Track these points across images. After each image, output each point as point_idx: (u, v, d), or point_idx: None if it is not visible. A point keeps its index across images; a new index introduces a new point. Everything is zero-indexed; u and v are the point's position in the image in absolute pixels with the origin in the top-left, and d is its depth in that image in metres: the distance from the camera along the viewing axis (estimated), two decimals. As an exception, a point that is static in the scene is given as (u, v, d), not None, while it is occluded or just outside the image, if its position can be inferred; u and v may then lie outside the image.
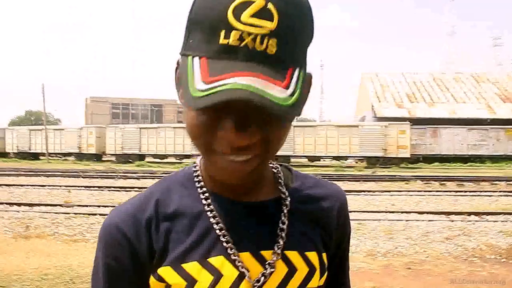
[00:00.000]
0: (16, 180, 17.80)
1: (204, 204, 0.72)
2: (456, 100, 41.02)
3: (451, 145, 31.89)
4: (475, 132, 32.34)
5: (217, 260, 0.70)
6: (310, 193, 0.79)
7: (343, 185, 16.14)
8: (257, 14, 0.58)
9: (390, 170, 25.33)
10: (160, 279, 0.70)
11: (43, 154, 38.00)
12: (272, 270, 0.70)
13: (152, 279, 0.71)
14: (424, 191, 14.39)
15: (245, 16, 0.57)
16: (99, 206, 10.57)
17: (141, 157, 34.13)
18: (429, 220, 8.87)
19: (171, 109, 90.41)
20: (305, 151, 30.14)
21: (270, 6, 0.58)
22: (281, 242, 0.72)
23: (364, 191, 14.13)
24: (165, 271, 0.70)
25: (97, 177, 19.63)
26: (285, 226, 0.73)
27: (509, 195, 13.41)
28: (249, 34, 0.58)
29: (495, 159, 31.45)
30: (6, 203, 10.96)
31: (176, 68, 0.69)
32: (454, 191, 14.27)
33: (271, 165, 0.79)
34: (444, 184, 16.92)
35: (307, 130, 30.25)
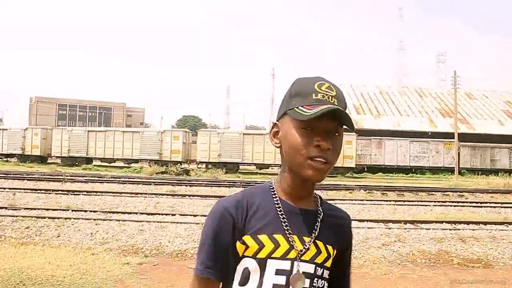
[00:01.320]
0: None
1: (275, 203, 1.19)
2: (401, 113, 42.87)
3: (394, 156, 33.34)
4: (417, 144, 33.98)
5: (278, 236, 1.16)
6: (333, 213, 1.27)
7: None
8: (328, 88, 1.16)
9: (335, 179, 26.17)
10: (243, 242, 1.16)
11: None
12: (308, 247, 1.17)
13: (238, 243, 1.16)
14: (366, 200, 15.14)
15: (323, 87, 1.16)
16: (47, 209, 10.48)
17: (88, 160, 33.47)
18: (369, 228, 9.44)
19: (120, 112, 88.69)
20: (254, 158, 30.60)
21: (332, 86, 1.17)
22: (314, 234, 1.19)
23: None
24: (246, 238, 1.16)
25: (43, 180, 19.18)
26: (318, 226, 1.21)
27: (443, 205, 14.36)
28: (327, 95, 1.14)
29: (434, 170, 33.16)
30: None
31: (274, 125, 1.23)
32: (394, 201, 15.08)
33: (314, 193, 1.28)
34: (385, 193, 17.80)
35: (256, 138, 30.75)
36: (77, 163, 32.37)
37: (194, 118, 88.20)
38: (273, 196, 1.20)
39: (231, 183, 20.30)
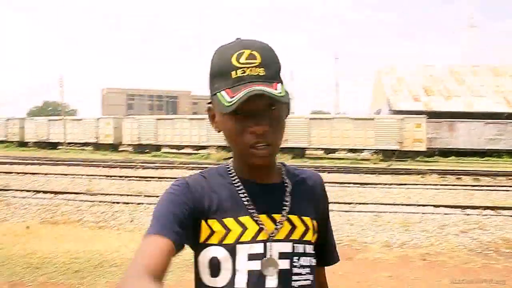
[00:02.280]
0: (38, 169, 18.26)
1: (235, 185, 1.09)
2: (473, 93, 40.65)
3: (467, 139, 31.70)
4: (492, 126, 32.08)
5: (244, 219, 1.05)
6: (300, 179, 1.17)
7: (359, 178, 16.30)
8: (248, 58, 1.00)
9: (405, 163, 25.33)
10: (209, 226, 1.04)
11: (60, 144, 38.70)
12: (281, 226, 1.07)
13: (203, 224, 1.05)
14: (440, 185, 14.46)
15: (242, 59, 1.00)
16: (121, 195, 10.89)
17: (157, 147, 34.57)
18: (445, 214, 9.00)
19: (186, 100, 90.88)
20: (320, 143, 30.26)
21: (253, 52, 1.01)
22: (286, 209, 1.09)
23: (380, 183, 14.26)
24: (212, 222, 1.05)
25: (116, 167, 20.02)
26: (288, 199, 1.10)
27: (526, 190, 13.42)
28: (247, 68, 0.99)
29: (512, 153, 31.20)
30: (32, 191, 11.36)
31: (208, 109, 1.11)
32: (470, 185, 14.31)
33: (276, 162, 1.16)
34: (460, 178, 16.93)
35: (323, 122, 30.32)
36: (147, 150, 33.54)
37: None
38: (231, 177, 1.10)
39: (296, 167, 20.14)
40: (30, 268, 5.40)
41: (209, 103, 1.10)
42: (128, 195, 11.01)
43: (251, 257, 1.03)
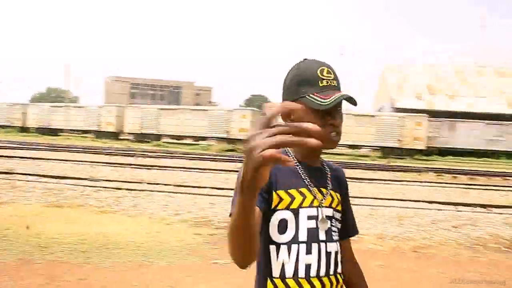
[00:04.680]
0: (40, 154, 18.52)
1: (296, 164, 1.44)
2: (476, 94, 40.78)
3: (467, 139, 31.90)
4: (493, 127, 32.26)
5: (303, 190, 1.41)
6: (332, 168, 1.54)
7: (357, 173, 16.54)
8: (328, 72, 1.40)
9: (404, 161, 25.60)
10: (278, 196, 1.37)
11: (61, 131, 38.99)
12: (327, 197, 1.45)
13: (274, 194, 1.37)
14: (436, 182, 14.74)
15: (325, 73, 1.39)
16: (124, 182, 11.15)
17: (158, 137, 34.80)
18: (438, 210, 9.27)
19: (189, 91, 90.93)
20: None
21: (329, 69, 1.41)
22: (329, 185, 1.48)
23: (377, 179, 14.53)
24: (280, 192, 1.38)
25: (117, 155, 20.27)
26: (329, 179, 1.49)
27: (520, 191, 13.68)
28: (328, 79, 1.39)
29: (510, 155, 31.42)
30: (37, 175, 11.62)
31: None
32: (465, 184, 14.58)
33: None
34: (456, 177, 17.21)
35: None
36: (148, 140, 33.79)
37: (261, 97, 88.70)
38: (293, 158, 1.44)
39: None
40: (38, 247, 5.65)
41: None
42: (130, 182, 11.26)
43: (310, 218, 1.39)
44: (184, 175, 13.69)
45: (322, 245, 1.39)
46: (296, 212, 1.37)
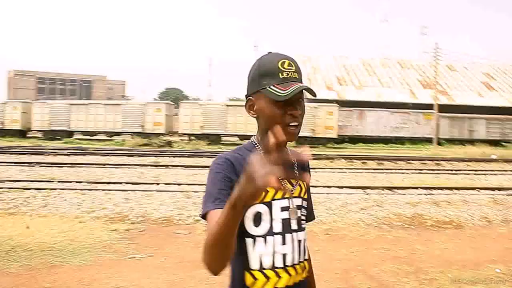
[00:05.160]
0: None
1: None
2: (383, 84, 43.23)
3: (375, 127, 33.79)
4: (397, 115, 34.43)
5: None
6: (296, 156, 1.52)
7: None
8: (289, 65, 1.41)
9: (317, 149, 26.54)
10: None
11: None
12: (296, 187, 1.48)
13: None
14: (346, 168, 15.52)
15: (285, 65, 1.40)
16: (32, 181, 10.57)
17: (70, 134, 33.28)
18: (348, 194, 9.79)
19: (101, 85, 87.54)
20: (236, 130, 30.75)
21: (291, 62, 1.42)
22: (297, 175, 1.49)
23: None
24: None
25: (25, 153, 19.12)
26: (296, 169, 1.52)
27: (421, 173, 14.82)
28: (289, 72, 1.40)
29: (414, 141, 33.77)
30: None
31: (249, 100, 1.46)
32: (373, 169, 15.50)
33: None
34: (365, 162, 18.21)
35: (239, 109, 30.88)
36: (58, 137, 32.17)
37: (176, 90, 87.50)
38: (259, 150, 1.45)
39: (213, 154, 20.51)
40: None
41: (248, 96, 1.47)
42: (39, 181, 10.72)
43: (282, 209, 1.42)
44: (97, 172, 13.26)
45: (294, 234, 1.44)
46: (269, 205, 1.40)
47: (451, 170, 15.81)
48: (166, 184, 10.75)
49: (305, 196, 1.53)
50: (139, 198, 8.87)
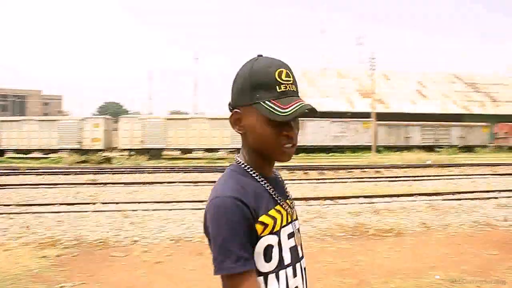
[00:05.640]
0: None
1: (260, 182, 1.27)
2: (322, 94, 44.19)
3: (316, 136, 34.37)
4: (337, 124, 35.23)
5: (278, 207, 1.26)
6: (278, 173, 1.40)
7: (213, 176, 16.75)
8: (287, 75, 1.22)
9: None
10: (261, 222, 1.19)
11: None
12: (294, 208, 1.35)
13: (257, 225, 1.19)
14: (289, 180, 15.53)
15: (283, 76, 1.21)
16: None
17: (1, 152, 31.52)
18: (291, 206, 9.73)
19: (36, 100, 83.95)
20: (178, 143, 30.36)
21: (288, 72, 1.23)
22: (289, 195, 1.37)
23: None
24: (263, 218, 1.20)
25: None
26: (286, 188, 1.37)
27: (361, 181, 15.10)
28: (288, 84, 1.21)
29: (354, 149, 34.64)
30: None
31: (235, 113, 1.25)
32: (315, 179, 15.62)
33: None
34: (307, 173, 18.37)
35: (180, 123, 30.49)
36: (-13, 156, 30.36)
37: (116, 104, 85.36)
38: (254, 175, 1.27)
39: (155, 169, 20.02)
40: None
41: (233, 108, 1.26)
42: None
43: (289, 236, 1.26)
44: (29, 193, 12.50)
45: (302, 262, 1.31)
46: (278, 234, 1.23)
47: (391, 177, 16.24)
48: (103, 203, 10.27)
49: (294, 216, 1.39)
50: (74, 220, 8.39)
